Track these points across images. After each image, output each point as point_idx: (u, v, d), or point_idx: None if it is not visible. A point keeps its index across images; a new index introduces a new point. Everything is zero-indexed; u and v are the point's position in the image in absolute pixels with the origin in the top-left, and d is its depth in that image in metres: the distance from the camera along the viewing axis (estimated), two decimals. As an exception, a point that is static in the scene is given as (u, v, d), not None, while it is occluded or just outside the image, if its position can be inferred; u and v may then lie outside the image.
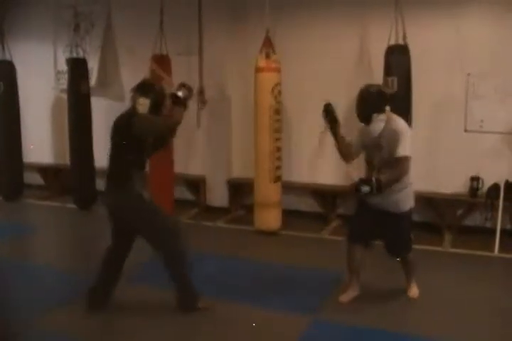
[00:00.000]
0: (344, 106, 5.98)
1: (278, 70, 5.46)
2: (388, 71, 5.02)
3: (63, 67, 6.95)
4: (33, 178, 7.63)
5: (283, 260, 4.43)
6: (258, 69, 5.44)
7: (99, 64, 7.17)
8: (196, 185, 6.80)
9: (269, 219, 5.59)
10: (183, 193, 6.76)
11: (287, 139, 5.77)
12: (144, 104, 3.39)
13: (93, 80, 7.08)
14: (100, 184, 6.90)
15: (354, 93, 5.76)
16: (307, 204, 6.23)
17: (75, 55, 6.58)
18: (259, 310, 3.72)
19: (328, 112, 3.78)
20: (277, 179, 5.48)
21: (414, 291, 3.97)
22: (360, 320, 3.57)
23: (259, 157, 5.48)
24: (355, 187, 3.37)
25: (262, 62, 5.42)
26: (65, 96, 6.92)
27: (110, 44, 7.19)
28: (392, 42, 5.03)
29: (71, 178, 6.79)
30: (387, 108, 3.49)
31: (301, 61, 5.98)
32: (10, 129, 7.07)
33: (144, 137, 3.41)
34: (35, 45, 7.58)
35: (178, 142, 6.20)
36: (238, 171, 6.48)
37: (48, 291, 3.96)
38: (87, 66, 6.65)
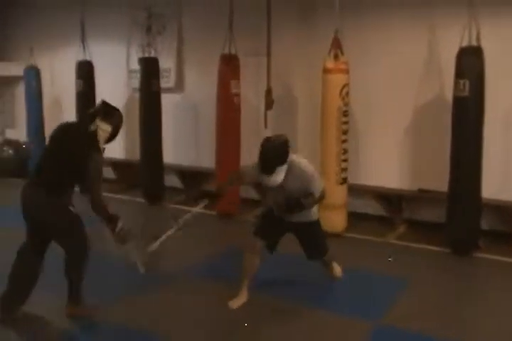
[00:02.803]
0: (412, 109, 5.90)
1: (346, 71, 5.42)
2: (459, 74, 4.87)
3: (135, 66, 7.18)
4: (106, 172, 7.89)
5: (347, 263, 4.41)
6: (326, 71, 5.41)
7: (176, 65, 7.40)
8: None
9: (334, 220, 5.54)
10: (249, 192, 6.85)
11: (354, 141, 5.74)
12: (105, 131, 3.37)
13: (172, 81, 7.41)
14: (168, 179, 7.16)
15: (423, 95, 5.73)
16: (373, 208, 6.15)
17: (147, 54, 6.81)
18: (323, 313, 3.74)
19: None
20: (343, 181, 5.46)
21: (338, 270, 4.16)
22: (426, 328, 3.53)
23: (325, 158, 5.46)
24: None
25: (330, 63, 5.39)
26: (136, 94, 7.15)
27: (179, 45, 7.38)
28: (465, 43, 4.84)
29: (140, 173, 7.05)
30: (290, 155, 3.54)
31: (368, 62, 5.88)
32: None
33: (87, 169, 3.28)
34: (111, 46, 7.87)
35: (246, 142, 6.28)
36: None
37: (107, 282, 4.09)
38: (158, 65, 6.85)
